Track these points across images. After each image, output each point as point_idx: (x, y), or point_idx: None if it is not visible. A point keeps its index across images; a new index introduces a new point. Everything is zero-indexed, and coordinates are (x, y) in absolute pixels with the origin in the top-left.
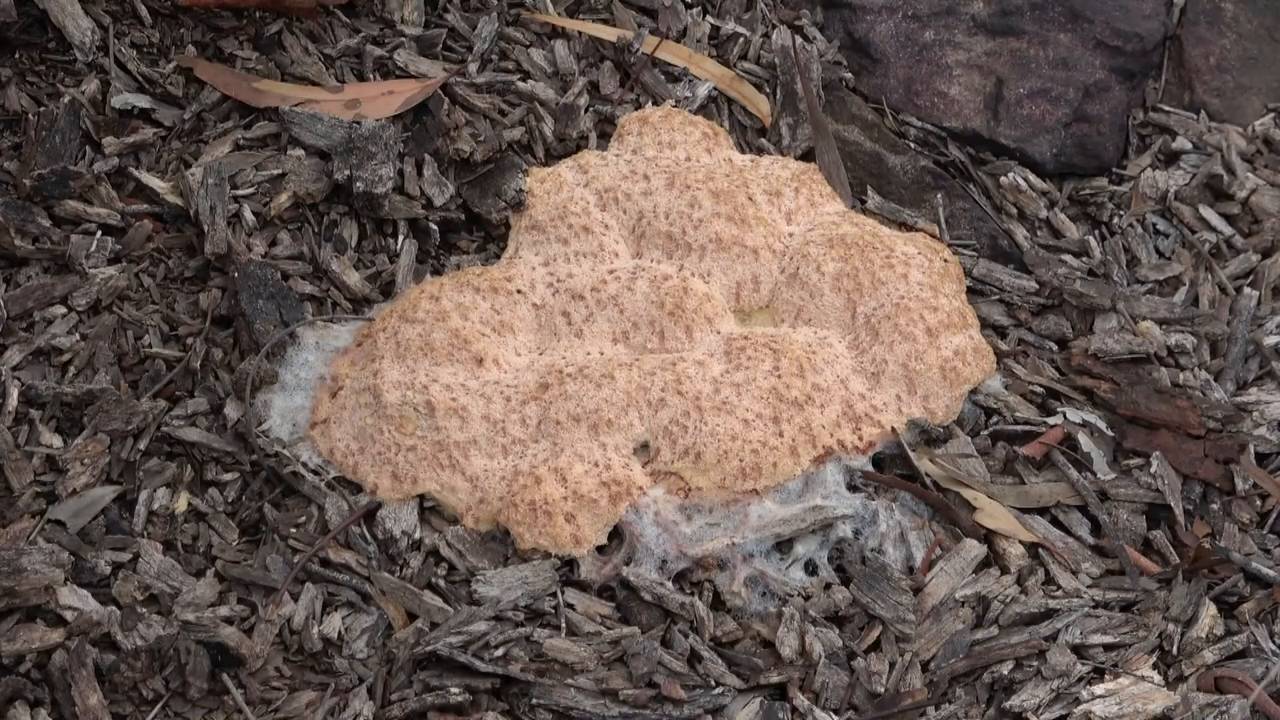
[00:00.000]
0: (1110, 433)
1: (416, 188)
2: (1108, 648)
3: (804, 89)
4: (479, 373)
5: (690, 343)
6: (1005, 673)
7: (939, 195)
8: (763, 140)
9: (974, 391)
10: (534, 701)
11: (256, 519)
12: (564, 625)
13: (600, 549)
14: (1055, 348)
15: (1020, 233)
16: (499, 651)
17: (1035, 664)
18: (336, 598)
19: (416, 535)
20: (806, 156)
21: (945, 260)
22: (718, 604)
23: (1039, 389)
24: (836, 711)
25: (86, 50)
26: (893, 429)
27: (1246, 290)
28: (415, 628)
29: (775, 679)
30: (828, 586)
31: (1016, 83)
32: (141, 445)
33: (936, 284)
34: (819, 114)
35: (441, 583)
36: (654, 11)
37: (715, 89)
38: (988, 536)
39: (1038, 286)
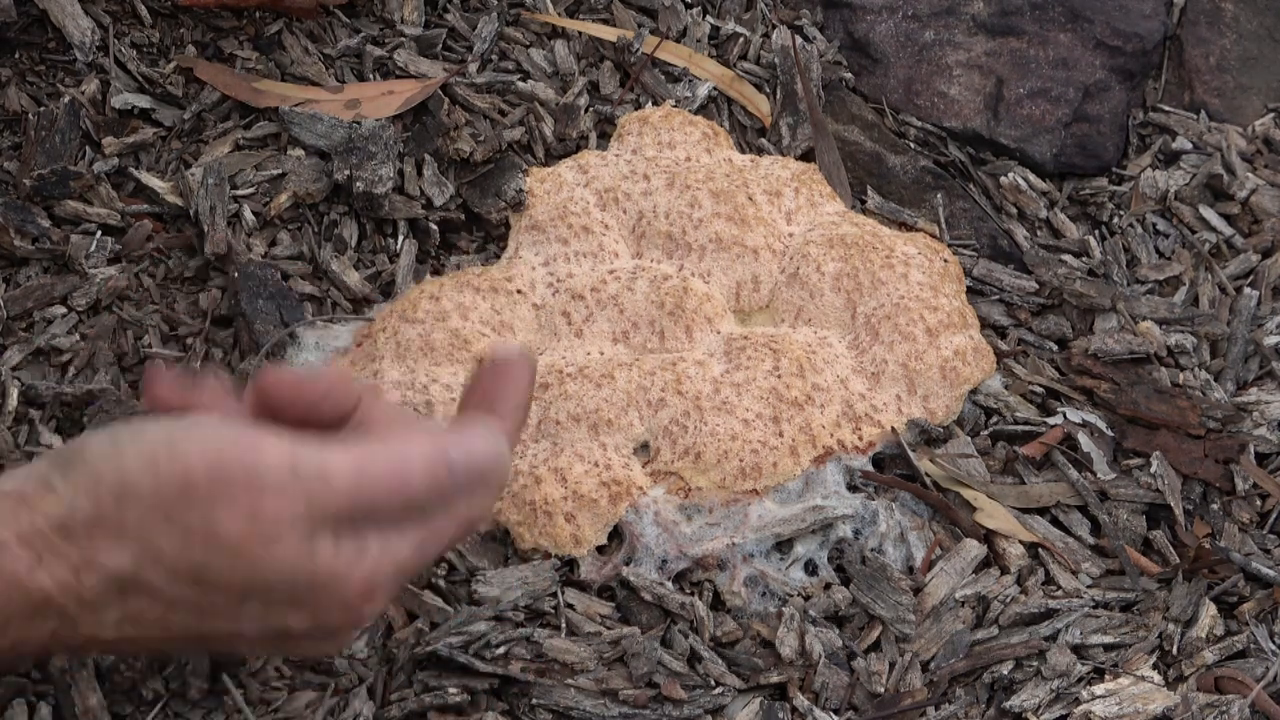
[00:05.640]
0: (1110, 433)
1: (416, 188)
2: (1108, 648)
3: (804, 89)
4: None
5: (690, 343)
6: (1005, 673)
7: (939, 195)
8: (763, 140)
9: (974, 391)
10: (534, 702)
11: None
12: (564, 625)
13: (600, 549)
14: (1055, 348)
15: (1020, 233)
16: (499, 651)
17: (1035, 664)
18: None
19: None
20: (806, 156)
21: (945, 260)
22: (718, 604)
23: (1039, 389)
24: (836, 711)
25: (86, 50)
26: (893, 429)
27: (1246, 290)
28: (415, 628)
29: (775, 679)
30: (828, 586)
31: (1016, 83)
32: None
33: (936, 284)
34: (819, 114)
35: (441, 583)
36: (654, 11)
37: (715, 89)
38: (988, 536)
39: (1038, 286)
